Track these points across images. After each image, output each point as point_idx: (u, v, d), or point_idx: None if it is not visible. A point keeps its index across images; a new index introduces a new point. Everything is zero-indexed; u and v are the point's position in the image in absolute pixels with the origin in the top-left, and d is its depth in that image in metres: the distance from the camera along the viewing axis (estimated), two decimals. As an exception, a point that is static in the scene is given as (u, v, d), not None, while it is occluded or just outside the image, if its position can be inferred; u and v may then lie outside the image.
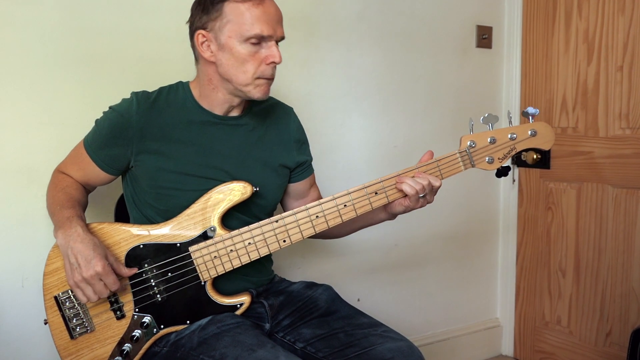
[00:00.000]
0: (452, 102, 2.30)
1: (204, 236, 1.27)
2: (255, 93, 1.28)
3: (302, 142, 1.50)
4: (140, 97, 1.32)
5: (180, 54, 1.67)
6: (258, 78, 1.26)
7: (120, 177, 1.40)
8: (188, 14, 1.66)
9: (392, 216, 1.40)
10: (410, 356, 1.24)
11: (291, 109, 1.51)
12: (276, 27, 1.25)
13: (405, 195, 1.30)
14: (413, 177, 1.29)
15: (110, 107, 1.33)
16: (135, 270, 1.25)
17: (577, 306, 2.27)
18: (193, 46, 1.31)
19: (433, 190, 1.32)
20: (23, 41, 1.51)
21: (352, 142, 2.09)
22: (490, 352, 2.51)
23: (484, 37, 2.34)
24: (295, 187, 1.50)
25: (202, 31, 1.27)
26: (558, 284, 2.33)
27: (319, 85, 2.00)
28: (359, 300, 2.12)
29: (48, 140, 1.55)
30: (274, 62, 1.25)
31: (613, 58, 2.09)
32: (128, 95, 1.34)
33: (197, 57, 1.32)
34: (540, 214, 2.37)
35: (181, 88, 1.36)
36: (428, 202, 1.33)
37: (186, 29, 1.70)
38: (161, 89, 1.36)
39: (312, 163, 1.54)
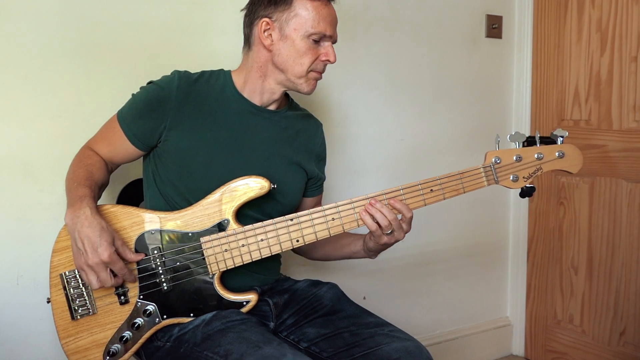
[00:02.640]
0: (461, 94, 2.26)
1: (217, 228, 1.27)
2: (305, 87, 1.35)
3: (322, 159, 1.54)
4: (182, 75, 1.34)
5: (180, 45, 1.66)
6: (311, 72, 1.34)
7: (142, 159, 1.40)
8: (188, 4, 1.65)
9: (369, 251, 1.40)
10: (418, 356, 1.22)
11: (321, 124, 1.55)
12: (335, 30, 1.36)
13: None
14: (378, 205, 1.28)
15: (150, 82, 1.35)
16: (142, 256, 1.24)
17: (590, 304, 2.23)
18: (250, 32, 1.36)
19: (403, 223, 1.31)
20: (19, 30, 1.48)
21: (357, 136, 2.05)
22: (500, 352, 2.48)
23: (493, 26, 2.31)
24: (302, 202, 1.51)
25: (267, 19, 1.32)
26: (570, 282, 2.29)
27: (323, 77, 1.94)
28: (365, 298, 2.09)
29: (44, 133, 1.52)
30: (328, 61, 1.34)
31: (627, 48, 2.05)
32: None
33: (252, 43, 1.36)
34: (552, 209, 2.33)
35: (222, 75, 1.40)
36: (397, 240, 1.33)
37: (186, 20, 1.69)
38: (203, 72, 1.38)
39: None
